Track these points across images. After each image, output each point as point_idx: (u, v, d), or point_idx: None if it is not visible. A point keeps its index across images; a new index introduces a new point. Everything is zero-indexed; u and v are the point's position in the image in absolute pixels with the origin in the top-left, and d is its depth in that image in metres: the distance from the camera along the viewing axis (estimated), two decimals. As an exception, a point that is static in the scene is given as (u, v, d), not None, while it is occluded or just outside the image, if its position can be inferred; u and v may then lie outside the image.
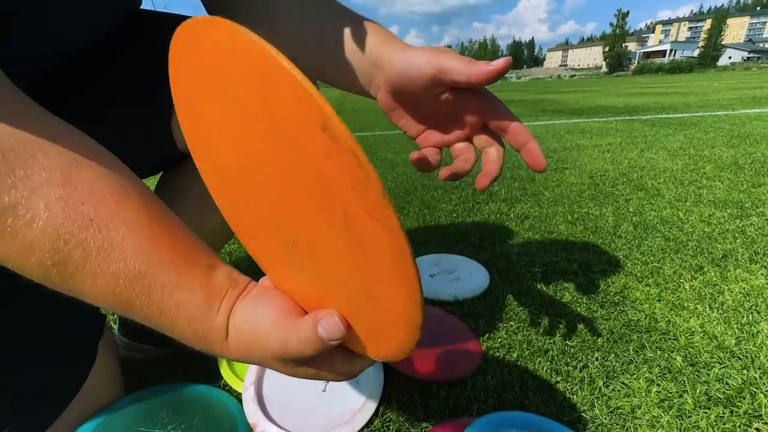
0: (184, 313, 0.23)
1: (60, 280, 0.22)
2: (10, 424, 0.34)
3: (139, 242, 0.23)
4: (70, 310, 0.39)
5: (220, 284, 0.25)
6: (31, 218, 0.20)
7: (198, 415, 0.42)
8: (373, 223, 0.17)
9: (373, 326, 0.22)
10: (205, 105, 0.22)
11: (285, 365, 0.25)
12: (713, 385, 0.46)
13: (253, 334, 0.24)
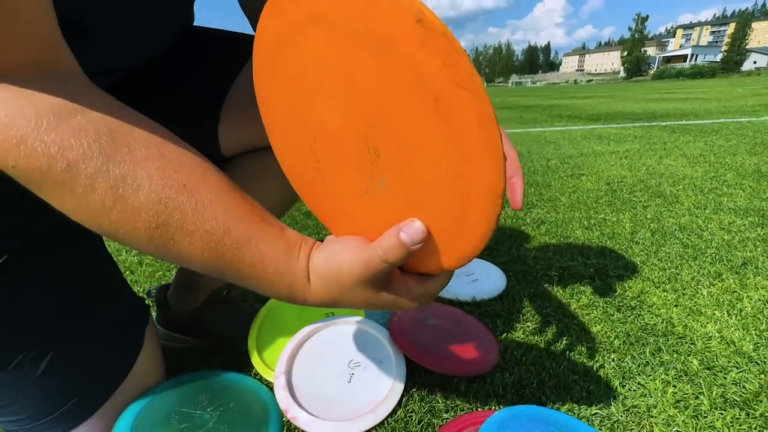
0: (271, 262, 0.27)
1: (162, 242, 0.25)
2: (68, 403, 0.38)
3: (224, 203, 0.26)
4: (120, 300, 0.43)
5: (294, 237, 0.29)
6: (138, 186, 0.24)
7: (233, 399, 0.45)
8: (462, 93, 0.19)
9: (455, 215, 0.24)
10: (295, 46, 0.24)
11: (366, 291, 0.27)
12: (729, 388, 0.47)
13: (334, 267, 0.27)
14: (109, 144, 0.24)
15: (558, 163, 1.74)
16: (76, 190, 0.23)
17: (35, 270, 0.36)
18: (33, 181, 0.23)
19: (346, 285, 0.27)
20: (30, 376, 0.35)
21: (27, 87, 0.23)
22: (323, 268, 0.28)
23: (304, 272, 0.28)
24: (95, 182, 0.23)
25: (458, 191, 0.23)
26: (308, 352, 0.52)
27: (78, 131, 0.23)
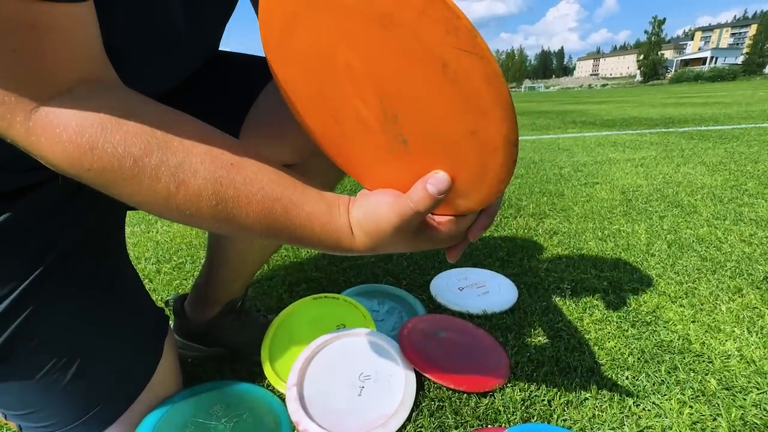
0: (317, 221, 0.30)
1: (224, 216, 0.28)
2: (94, 409, 0.39)
3: (268, 175, 0.29)
4: (142, 311, 0.45)
5: (331, 197, 0.32)
6: (195, 170, 0.27)
7: (246, 411, 0.46)
8: (468, 56, 0.21)
9: (476, 165, 0.26)
10: (305, 25, 0.26)
11: (404, 236, 0.30)
12: (750, 411, 0.46)
13: (374, 219, 0.30)
14: (163, 138, 0.27)
15: (571, 171, 1.72)
16: (144, 181, 0.26)
17: (64, 282, 0.38)
18: (107, 179, 0.26)
19: (386, 234, 0.30)
20: (59, 383, 0.37)
21: (87, 98, 0.26)
22: (363, 221, 0.31)
23: (347, 226, 0.31)
24: (159, 172, 0.26)
25: (476, 145, 0.25)
26: (319, 364, 0.53)
27: (136, 131, 0.26)
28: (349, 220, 0.32)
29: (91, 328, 0.39)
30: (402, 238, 0.31)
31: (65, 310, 0.38)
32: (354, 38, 0.24)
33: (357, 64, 0.25)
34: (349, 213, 0.32)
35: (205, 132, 0.29)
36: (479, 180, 0.27)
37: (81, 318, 0.38)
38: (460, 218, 0.31)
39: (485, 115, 0.23)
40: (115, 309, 0.41)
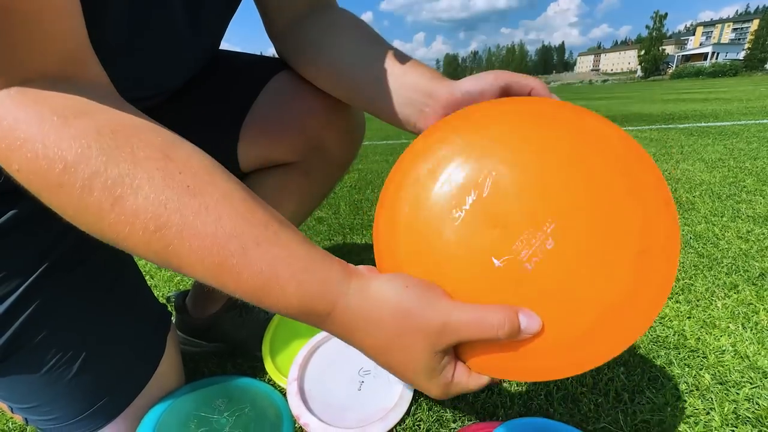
0: (285, 267, 0.24)
1: (161, 246, 0.23)
2: (97, 403, 0.40)
3: (233, 206, 0.24)
4: (145, 307, 0.46)
5: (323, 252, 0.26)
6: (137, 187, 0.23)
7: (248, 404, 0.47)
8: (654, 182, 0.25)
9: (583, 334, 0.23)
10: None
11: (425, 359, 0.24)
12: (742, 404, 0.47)
13: (396, 305, 0.24)
14: (110, 144, 0.23)
15: (571, 168, 1.72)
16: (74, 192, 0.22)
17: (68, 279, 0.38)
18: (33, 184, 0.23)
19: (402, 332, 0.24)
20: (64, 377, 0.38)
21: (38, 93, 0.23)
22: (376, 297, 0.25)
23: (342, 282, 0.25)
24: (93, 183, 0.22)
25: (637, 268, 0.23)
26: (320, 359, 0.53)
27: (80, 132, 0.22)
28: (353, 281, 0.25)
29: (95, 323, 0.40)
30: (419, 358, 0.24)
31: (70, 306, 0.38)
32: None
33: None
34: (360, 275, 0.25)
35: (170, 144, 0.25)
36: (570, 349, 0.23)
37: (85, 314, 0.39)
38: (474, 377, 0.26)
39: (655, 230, 0.23)
40: (118, 305, 0.42)
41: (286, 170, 0.50)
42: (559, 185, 0.25)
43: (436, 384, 0.26)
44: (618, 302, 0.23)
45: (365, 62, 0.41)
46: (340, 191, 1.54)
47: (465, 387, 0.26)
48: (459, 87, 0.36)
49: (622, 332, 0.23)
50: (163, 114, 0.46)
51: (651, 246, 0.23)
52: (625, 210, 0.24)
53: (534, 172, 0.26)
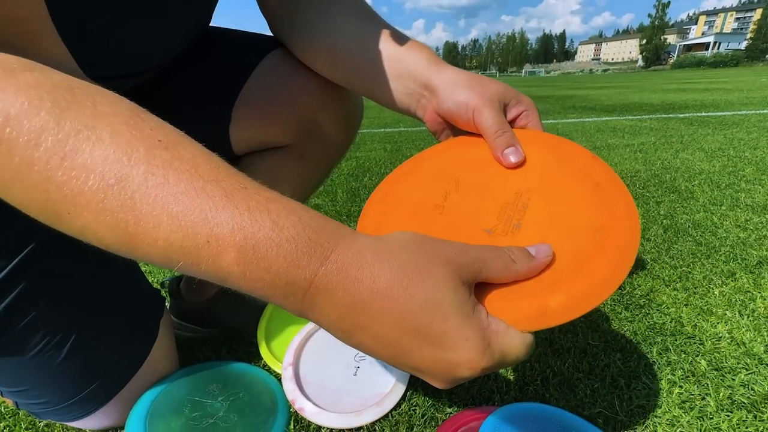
0: (282, 209, 0.21)
1: (119, 203, 0.20)
2: (88, 388, 0.39)
3: (213, 160, 0.22)
4: (136, 291, 0.45)
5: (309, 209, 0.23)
6: (97, 139, 0.20)
7: (243, 389, 0.47)
8: (615, 186, 0.29)
9: (585, 255, 0.25)
10: None
11: (454, 305, 0.20)
12: (737, 390, 0.47)
13: (410, 238, 0.22)
14: (67, 98, 0.20)
15: (570, 157, 1.71)
16: (15, 149, 0.19)
17: (57, 260, 0.37)
18: None
19: (431, 258, 0.21)
20: (53, 361, 0.37)
21: None
22: (400, 234, 0.22)
23: (338, 229, 0.22)
24: (41, 137, 0.19)
25: (597, 237, 0.26)
26: (315, 345, 0.53)
27: (29, 85, 0.20)
28: (355, 237, 0.22)
29: (86, 305, 0.39)
30: (445, 286, 0.20)
31: (59, 288, 0.37)
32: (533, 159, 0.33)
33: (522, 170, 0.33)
34: (356, 239, 0.22)
35: (138, 108, 0.22)
36: (579, 272, 0.24)
37: (74, 297, 0.38)
38: (511, 332, 0.22)
39: (616, 216, 0.26)
40: (109, 287, 0.41)
41: (280, 153, 0.48)
42: (537, 173, 0.32)
43: (476, 330, 0.21)
44: (600, 226, 0.27)
45: (362, 46, 0.40)
46: (338, 178, 1.52)
47: (509, 342, 0.22)
48: (444, 102, 0.36)
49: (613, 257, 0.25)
50: (151, 94, 0.45)
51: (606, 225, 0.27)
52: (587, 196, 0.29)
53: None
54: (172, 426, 0.41)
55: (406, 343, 0.21)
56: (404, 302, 0.20)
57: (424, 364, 0.21)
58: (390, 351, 0.21)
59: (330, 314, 0.21)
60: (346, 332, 0.22)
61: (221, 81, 0.45)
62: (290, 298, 0.21)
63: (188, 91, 0.45)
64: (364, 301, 0.20)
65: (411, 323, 0.20)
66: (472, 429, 0.41)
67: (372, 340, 0.21)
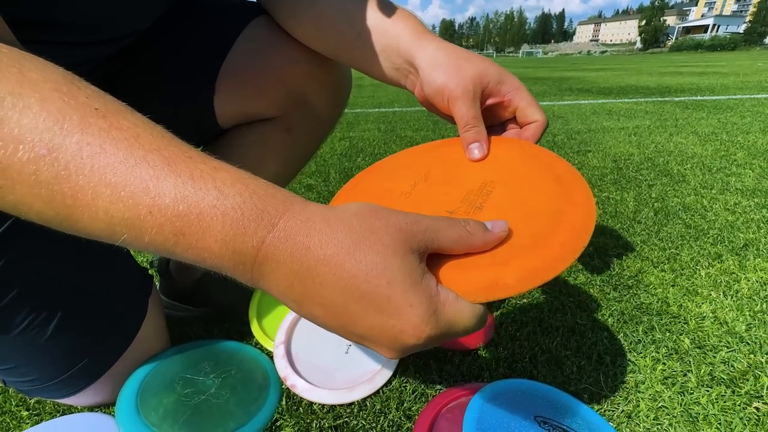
0: (228, 177, 0.20)
1: (51, 175, 0.19)
2: (76, 365, 0.39)
3: (151, 131, 0.20)
4: (123, 269, 0.44)
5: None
6: (25, 107, 0.18)
7: (235, 367, 0.47)
8: (575, 179, 0.30)
9: (542, 232, 0.26)
10: None
11: (404, 273, 0.20)
12: (718, 367, 0.48)
13: (361, 206, 0.22)
14: None
15: (565, 139, 1.71)
16: None
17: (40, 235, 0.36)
18: None
19: (381, 226, 0.21)
20: (39, 338, 0.36)
21: None
22: (352, 204, 0.22)
23: (287, 197, 0.21)
24: None
25: (556, 218, 0.27)
26: (307, 324, 0.53)
27: None
28: (303, 205, 0.21)
29: (70, 281, 0.38)
30: (393, 254, 0.20)
31: (42, 263, 0.36)
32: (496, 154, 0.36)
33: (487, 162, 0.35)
34: (304, 209, 0.21)
35: (73, 77, 0.21)
36: (534, 249, 0.24)
37: (59, 271, 0.37)
38: (462, 303, 0.22)
39: (574, 203, 0.28)
40: (95, 263, 0.40)
41: (268, 126, 0.47)
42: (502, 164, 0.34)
43: (422, 297, 0.20)
44: (559, 210, 0.28)
45: (347, 15, 0.38)
46: (330, 159, 1.50)
47: (457, 312, 0.21)
48: (424, 86, 0.35)
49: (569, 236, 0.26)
50: (128, 65, 0.43)
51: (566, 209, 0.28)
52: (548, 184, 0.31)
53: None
54: (164, 402, 0.41)
55: (352, 310, 0.21)
56: (350, 267, 0.20)
57: (370, 332, 0.21)
58: (338, 320, 0.21)
59: (279, 283, 0.21)
60: (296, 302, 0.21)
61: (203, 51, 0.43)
62: (240, 267, 0.21)
63: (169, 63, 0.43)
64: (311, 268, 0.20)
65: (356, 289, 0.20)
66: (462, 404, 0.41)
67: (321, 309, 0.21)
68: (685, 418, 0.42)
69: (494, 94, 0.35)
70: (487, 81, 0.34)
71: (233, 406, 0.42)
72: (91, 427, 0.40)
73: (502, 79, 0.35)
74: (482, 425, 0.36)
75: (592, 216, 0.26)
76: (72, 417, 0.42)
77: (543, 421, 0.38)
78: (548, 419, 0.38)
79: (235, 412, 0.41)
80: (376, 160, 1.48)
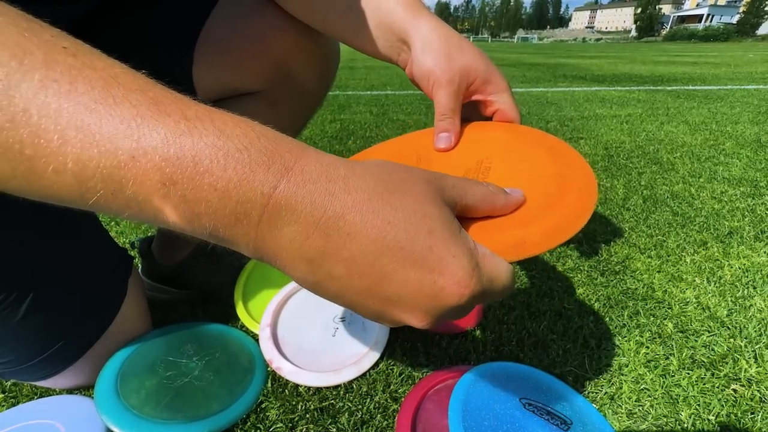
0: (210, 128, 0.17)
1: (6, 118, 0.16)
2: (53, 346, 0.38)
3: (132, 73, 0.18)
4: (99, 249, 0.42)
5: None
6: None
7: (219, 350, 0.46)
8: (566, 146, 0.31)
9: (551, 197, 0.26)
10: None
11: (432, 201, 0.19)
12: (699, 350, 0.49)
13: (384, 162, 0.20)
14: None
15: (557, 126, 1.70)
16: None
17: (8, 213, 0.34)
18: None
19: (410, 178, 0.19)
20: (11, 319, 0.35)
21: None
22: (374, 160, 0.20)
23: (300, 144, 0.19)
24: None
25: (560, 182, 0.27)
26: (294, 307, 0.52)
27: None
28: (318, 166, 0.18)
29: (43, 260, 0.36)
30: (430, 203, 0.19)
31: (11, 244, 0.34)
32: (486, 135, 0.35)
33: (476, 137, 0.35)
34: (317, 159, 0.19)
35: (32, 18, 0.18)
36: (550, 208, 0.25)
37: (30, 250, 0.35)
38: (499, 261, 0.21)
39: (572, 167, 0.28)
40: (70, 243, 0.38)
41: (251, 100, 0.45)
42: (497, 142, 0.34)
43: (463, 248, 0.19)
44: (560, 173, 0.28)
45: None
46: (321, 141, 1.47)
47: (496, 267, 0.20)
48: (419, 65, 0.34)
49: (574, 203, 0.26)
50: (101, 31, 0.40)
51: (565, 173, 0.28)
52: (544, 157, 0.30)
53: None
54: (146, 385, 0.40)
55: (385, 264, 0.18)
56: (385, 214, 0.18)
57: (404, 290, 0.18)
58: (364, 280, 0.18)
59: (294, 237, 0.17)
60: (312, 261, 0.18)
61: (181, 20, 0.41)
62: (241, 222, 0.17)
63: (147, 33, 0.41)
64: (337, 216, 0.17)
65: (392, 238, 0.18)
66: (448, 387, 0.41)
67: (344, 268, 0.18)
68: (666, 400, 0.43)
69: (479, 92, 0.34)
70: (474, 77, 0.33)
71: (217, 389, 0.41)
72: (70, 410, 0.39)
73: (489, 78, 0.34)
74: (468, 407, 0.36)
75: (593, 178, 0.27)
76: (49, 399, 0.41)
77: (528, 404, 0.38)
78: (533, 401, 0.38)
79: (219, 394, 0.41)
80: (367, 142, 1.46)
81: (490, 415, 0.36)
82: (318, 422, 0.40)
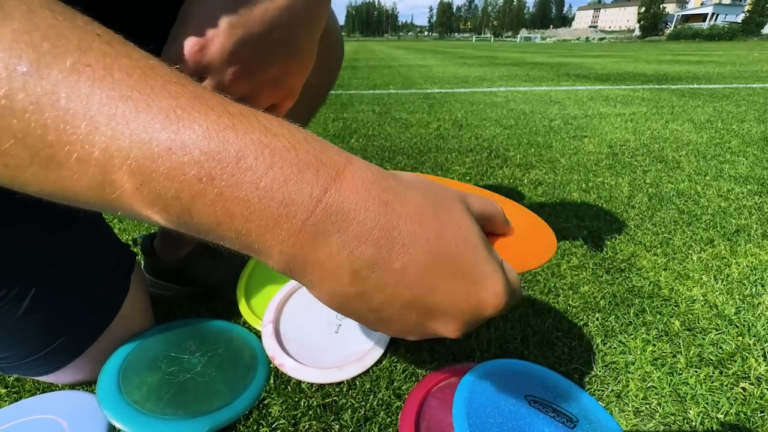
0: (255, 125, 0.16)
1: (32, 99, 0.14)
2: (54, 342, 0.38)
3: (169, 67, 0.17)
4: (102, 245, 0.42)
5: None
6: (2, 18, 0.14)
7: (222, 346, 0.46)
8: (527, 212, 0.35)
9: (529, 229, 0.30)
10: None
11: (466, 217, 0.19)
12: (707, 348, 0.48)
13: (415, 175, 0.20)
14: None
15: (561, 124, 1.69)
16: None
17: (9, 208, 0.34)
18: None
19: (443, 193, 0.19)
20: (13, 314, 0.35)
21: None
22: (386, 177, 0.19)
23: (346, 153, 0.18)
24: None
25: (529, 222, 0.33)
26: (297, 303, 0.52)
27: None
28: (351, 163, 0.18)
29: (44, 256, 0.36)
30: (465, 220, 0.19)
31: (12, 239, 0.34)
32: None
33: None
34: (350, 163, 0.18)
35: (68, 7, 0.17)
36: (535, 230, 0.31)
37: (32, 245, 0.35)
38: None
39: (540, 221, 0.34)
40: (71, 238, 0.38)
41: None
42: None
43: (497, 264, 0.20)
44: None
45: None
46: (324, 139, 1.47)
47: (515, 279, 0.21)
48: None
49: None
50: (111, 11, 0.39)
51: None
52: None
53: None
54: (148, 381, 0.40)
55: (435, 276, 0.18)
56: (436, 228, 0.18)
57: (449, 301, 0.18)
58: (413, 291, 0.18)
59: (344, 245, 0.16)
60: (357, 272, 0.17)
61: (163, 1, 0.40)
62: (282, 225, 0.16)
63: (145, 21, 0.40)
64: (392, 227, 0.17)
65: (445, 251, 0.18)
66: (452, 384, 0.41)
67: (393, 278, 0.17)
68: (674, 398, 0.42)
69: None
70: None
71: (219, 385, 0.41)
72: (72, 405, 0.39)
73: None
74: (472, 405, 0.36)
75: (552, 234, 0.32)
76: (52, 395, 0.41)
77: (533, 401, 0.38)
78: (539, 399, 0.38)
79: (221, 391, 0.40)
80: (369, 141, 1.45)
81: (494, 412, 0.35)
82: (321, 419, 0.40)
